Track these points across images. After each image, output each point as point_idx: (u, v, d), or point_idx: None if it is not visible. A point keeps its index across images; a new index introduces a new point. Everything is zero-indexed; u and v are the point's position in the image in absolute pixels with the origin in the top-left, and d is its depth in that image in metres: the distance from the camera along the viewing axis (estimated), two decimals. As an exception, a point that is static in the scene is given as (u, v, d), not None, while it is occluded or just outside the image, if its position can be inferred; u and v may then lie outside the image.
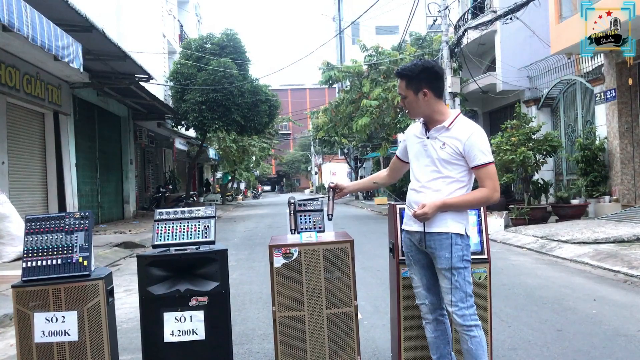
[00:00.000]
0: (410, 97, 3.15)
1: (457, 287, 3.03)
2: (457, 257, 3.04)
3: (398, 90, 3.24)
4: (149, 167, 26.16)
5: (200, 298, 3.46)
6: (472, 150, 3.03)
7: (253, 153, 38.99)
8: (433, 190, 3.10)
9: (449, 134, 3.09)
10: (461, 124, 3.11)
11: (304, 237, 3.50)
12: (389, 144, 24.15)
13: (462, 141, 3.04)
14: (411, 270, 3.31)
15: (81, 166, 16.60)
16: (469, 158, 3.05)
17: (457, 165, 3.09)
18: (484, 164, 3.04)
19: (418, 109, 3.15)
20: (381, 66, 20.83)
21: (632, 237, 9.73)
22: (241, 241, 13.03)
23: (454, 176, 3.09)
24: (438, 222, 3.08)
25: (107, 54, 13.66)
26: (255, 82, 23.89)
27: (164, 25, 26.86)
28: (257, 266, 8.93)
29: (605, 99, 13.52)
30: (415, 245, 3.24)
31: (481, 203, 3.12)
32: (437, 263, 3.11)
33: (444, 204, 3.04)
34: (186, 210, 3.62)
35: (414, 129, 3.32)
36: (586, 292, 6.35)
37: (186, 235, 3.55)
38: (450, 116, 3.15)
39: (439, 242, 3.07)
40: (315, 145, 53.37)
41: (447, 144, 3.08)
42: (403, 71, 3.17)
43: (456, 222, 3.09)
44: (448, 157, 3.07)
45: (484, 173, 3.05)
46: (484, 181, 3.06)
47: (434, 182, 3.12)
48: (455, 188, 3.09)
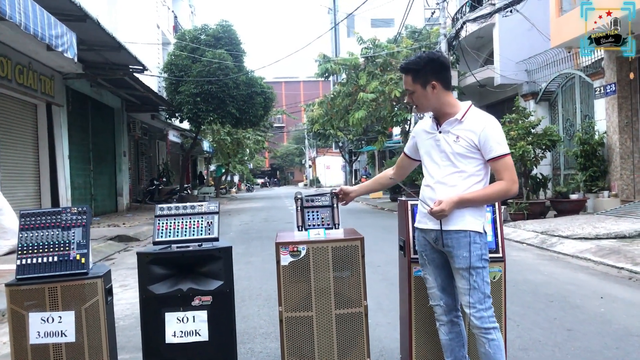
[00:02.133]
0: (418, 92, 3.00)
1: (475, 287, 2.89)
2: (475, 256, 2.90)
3: (404, 86, 3.06)
4: (142, 159, 25.92)
5: (203, 297, 3.31)
6: (488, 142, 2.89)
7: (247, 146, 38.77)
8: (449, 186, 2.96)
9: (463, 126, 2.95)
10: (474, 115, 2.98)
11: (312, 234, 3.34)
12: (384, 138, 24.01)
13: (477, 133, 2.90)
14: (425, 270, 3.17)
15: (74, 158, 16.38)
16: (485, 150, 2.91)
17: (472, 158, 2.95)
18: (500, 155, 2.90)
19: (427, 103, 3.01)
20: (378, 59, 20.66)
21: (633, 232, 9.64)
22: (237, 235, 12.87)
23: (469, 170, 2.95)
24: (455, 219, 2.93)
25: (101, 44, 13.43)
26: (251, 74, 23.68)
27: (158, 16, 26.57)
28: (255, 261, 8.78)
29: (605, 93, 13.41)
30: (430, 244, 3.10)
31: (500, 196, 2.96)
32: (454, 262, 2.96)
33: (462, 200, 2.89)
34: (188, 206, 3.46)
35: (424, 125, 3.18)
36: (592, 290, 6.24)
37: (188, 231, 3.39)
38: (461, 108, 3.01)
39: (457, 241, 2.92)
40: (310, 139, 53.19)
41: (461, 137, 2.94)
42: (408, 65, 3.02)
43: (474, 219, 2.95)
44: (463, 150, 2.93)
45: (502, 165, 2.91)
46: (502, 173, 2.92)
47: (449, 178, 2.97)
48: (472, 183, 2.95)
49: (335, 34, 44.70)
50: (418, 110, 3.10)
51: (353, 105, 20.64)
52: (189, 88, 21.90)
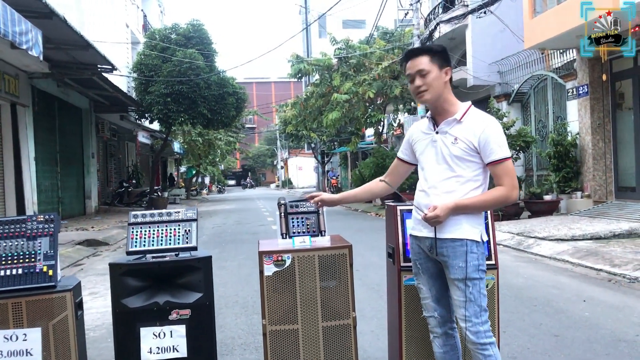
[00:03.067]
0: (434, 73, 2.78)
1: (471, 300, 2.72)
2: (472, 266, 2.73)
3: (418, 67, 2.78)
4: (111, 161, 25.38)
5: (181, 311, 3.10)
6: (488, 144, 2.72)
7: (219, 147, 38.34)
8: (445, 191, 2.79)
9: (462, 127, 2.78)
10: (474, 115, 2.81)
11: (297, 242, 3.17)
12: (358, 139, 23.95)
13: (477, 135, 2.74)
14: (419, 280, 2.99)
15: (40, 160, 15.89)
16: (485, 153, 2.74)
17: (471, 162, 2.77)
18: (501, 159, 2.73)
19: (438, 89, 2.78)
20: (351, 60, 20.58)
21: (608, 233, 9.68)
22: (210, 239, 12.61)
23: (467, 175, 2.78)
24: (451, 226, 2.76)
25: (68, 42, 13.01)
26: (222, 74, 23.33)
27: (127, 15, 26.06)
28: (229, 266, 8.56)
29: (578, 95, 13.50)
30: (424, 253, 2.92)
31: (499, 203, 2.78)
32: (449, 273, 2.79)
33: (457, 206, 2.73)
34: (164, 213, 3.25)
35: (420, 125, 3.02)
36: (574, 293, 6.18)
37: (164, 240, 3.18)
38: (461, 108, 2.84)
39: (452, 250, 2.75)
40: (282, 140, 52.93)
41: (459, 138, 2.76)
42: (424, 46, 2.91)
43: (471, 227, 2.77)
44: (461, 153, 2.76)
45: (502, 169, 2.74)
46: (502, 178, 2.75)
47: (445, 182, 2.80)
48: (469, 188, 2.78)
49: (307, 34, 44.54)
50: (423, 97, 2.82)
51: (326, 106, 20.52)
52: (159, 88, 21.47)
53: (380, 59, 20.15)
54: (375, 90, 19.14)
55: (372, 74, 19.50)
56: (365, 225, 14.84)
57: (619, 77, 13.03)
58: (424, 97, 2.81)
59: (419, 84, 2.79)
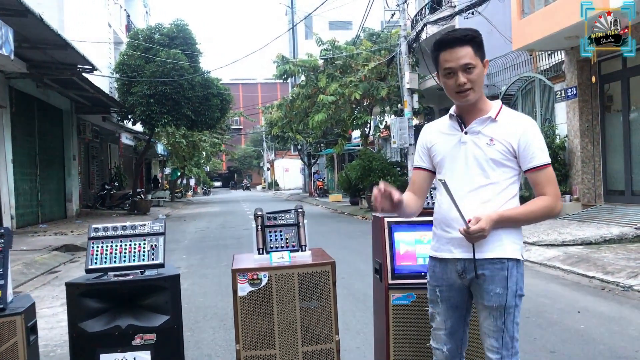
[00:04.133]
0: (479, 68, 2.38)
1: (504, 330, 2.36)
2: (512, 292, 2.37)
3: (463, 60, 2.35)
4: (93, 163, 24.95)
5: (146, 336, 2.80)
6: (530, 148, 2.36)
7: (203, 149, 37.94)
8: (480, 201, 2.38)
9: (497, 126, 2.41)
10: (510, 114, 2.47)
11: (275, 258, 2.88)
12: (344, 141, 23.71)
13: (517, 136, 2.37)
14: (435, 309, 2.55)
15: (19, 162, 15.48)
16: (524, 158, 2.38)
17: (508, 167, 2.40)
18: (543, 164, 2.38)
19: (481, 86, 2.41)
20: (338, 61, 20.34)
21: (599, 238, 9.48)
22: (192, 243, 12.28)
23: (504, 182, 2.40)
24: (490, 244, 2.35)
25: (45, 41, 12.64)
26: (207, 75, 22.99)
27: (109, 15, 25.62)
28: (210, 274, 8.24)
29: (566, 97, 13.33)
30: (449, 279, 2.48)
31: (545, 215, 2.42)
32: (482, 299, 2.40)
33: (502, 218, 2.32)
34: (128, 226, 2.95)
35: (438, 126, 2.60)
36: (567, 303, 5.94)
37: (128, 256, 2.88)
38: (492, 105, 2.47)
39: (491, 273, 2.36)
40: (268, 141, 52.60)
41: (496, 139, 2.38)
42: (469, 33, 2.40)
43: (513, 243, 2.39)
44: (498, 156, 2.38)
45: (544, 176, 2.39)
46: (545, 187, 2.39)
47: (481, 191, 2.39)
48: (507, 198, 2.41)
49: (293, 35, 44.26)
50: (468, 97, 2.38)
51: (312, 108, 20.26)
52: (142, 89, 21.07)
53: (366, 60, 19.93)
54: (361, 92, 18.90)
55: (359, 76, 19.27)
56: (351, 229, 14.57)
57: (608, 79, 12.88)
58: (469, 96, 2.38)
59: (464, 81, 2.35)
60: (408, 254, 3.00)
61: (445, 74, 2.41)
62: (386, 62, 19.54)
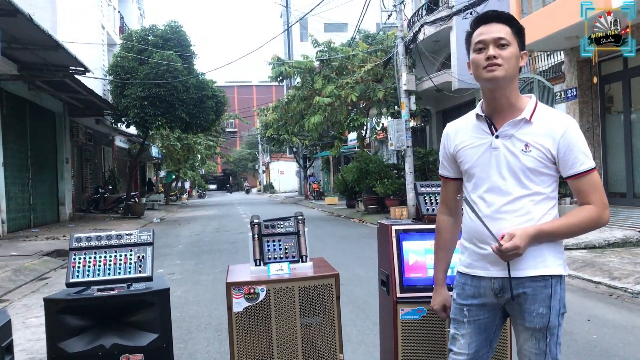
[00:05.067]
0: (514, 49, 2.13)
1: (547, 352, 2.14)
2: (555, 311, 2.13)
3: (497, 33, 2.11)
4: (87, 166, 24.65)
5: (132, 356, 2.56)
6: (571, 152, 2.11)
7: (198, 151, 37.68)
8: (518, 214, 2.13)
9: (533, 129, 2.13)
10: (547, 114, 2.18)
11: (273, 270, 2.65)
12: (340, 143, 23.50)
13: (556, 139, 2.11)
14: (459, 330, 2.27)
15: (10, 166, 15.22)
16: (565, 163, 2.12)
17: (546, 175, 2.15)
18: (588, 170, 2.13)
19: (513, 71, 2.14)
20: (334, 62, 20.14)
21: (602, 242, 9.29)
22: (186, 248, 12.02)
23: (543, 191, 2.15)
24: (531, 260, 2.11)
25: (36, 42, 12.39)
26: (201, 77, 22.73)
27: (102, 16, 25.35)
28: (204, 280, 7.99)
29: (566, 98, 13.15)
30: (481, 298, 2.22)
31: (590, 227, 2.16)
32: (523, 320, 2.16)
33: (540, 233, 2.07)
34: (113, 235, 2.70)
35: (463, 125, 2.31)
36: (575, 310, 5.71)
37: (113, 269, 2.64)
38: (526, 103, 2.19)
39: (532, 292, 2.12)
40: (263, 144, 52.35)
41: (531, 144, 2.12)
42: (505, 13, 2.20)
43: (556, 258, 2.15)
44: (536, 164, 2.12)
45: (589, 183, 2.13)
46: (589, 195, 2.13)
47: (517, 203, 2.13)
48: (546, 209, 2.15)
49: (289, 37, 44.09)
50: (494, 72, 2.10)
51: (308, 110, 20.05)
52: (135, 91, 20.78)
53: (363, 61, 19.73)
54: (357, 94, 18.70)
55: (355, 77, 19.08)
56: (349, 232, 14.34)
57: (608, 80, 12.71)
58: (496, 72, 2.10)
59: (495, 54, 2.10)
60: (418, 264, 2.77)
61: (476, 49, 2.16)
62: (383, 64, 19.35)
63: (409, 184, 15.98)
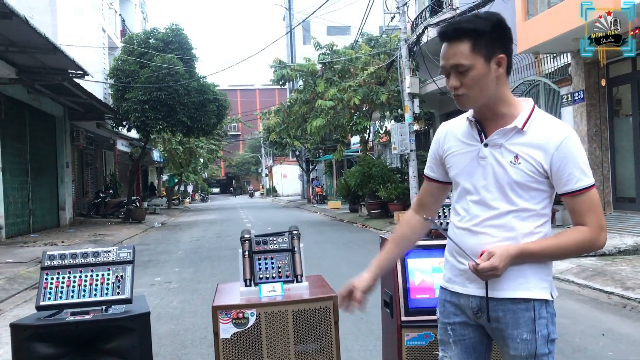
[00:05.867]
0: (478, 69, 1.87)
1: None
2: (541, 338, 1.90)
3: (452, 59, 1.89)
4: (87, 170, 24.49)
5: (108, 388, 2.31)
6: (566, 167, 1.87)
7: (201, 155, 37.49)
8: (501, 230, 1.92)
9: (525, 139, 1.90)
10: (542, 122, 1.92)
11: (264, 292, 2.41)
12: (343, 147, 23.28)
13: (549, 152, 1.88)
14: (447, 352, 2.08)
15: (9, 170, 15.06)
16: (559, 179, 1.89)
17: (537, 190, 1.92)
18: (585, 187, 1.88)
19: (484, 92, 1.90)
20: (336, 65, 19.92)
21: (612, 249, 9.02)
22: (186, 254, 11.78)
23: (532, 208, 1.92)
24: (512, 280, 1.90)
25: (34, 45, 12.19)
26: (203, 80, 22.53)
27: (103, 20, 25.19)
28: (202, 289, 7.75)
29: (573, 101, 12.88)
30: (463, 314, 2.03)
31: (581, 250, 1.95)
32: (507, 346, 1.94)
33: (523, 253, 1.86)
34: (90, 253, 2.46)
35: (455, 129, 2.08)
36: (589, 324, 5.46)
37: (89, 290, 2.40)
38: (521, 109, 1.95)
39: (513, 315, 1.91)
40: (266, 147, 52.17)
41: (521, 156, 1.89)
42: (465, 24, 1.88)
43: (540, 281, 1.92)
44: (525, 178, 1.90)
45: (585, 202, 1.89)
46: (585, 215, 1.89)
47: (501, 219, 1.92)
48: (534, 226, 1.92)
49: (291, 40, 43.91)
50: (461, 103, 1.95)
51: (311, 113, 19.81)
52: (136, 95, 20.60)
53: (365, 64, 19.50)
54: (360, 97, 18.44)
55: (358, 80, 18.83)
56: (351, 238, 14.08)
57: (617, 82, 12.43)
58: (462, 102, 1.95)
59: (455, 85, 1.91)
60: (424, 284, 2.52)
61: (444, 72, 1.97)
62: (386, 67, 19.10)
63: (412, 189, 15.72)
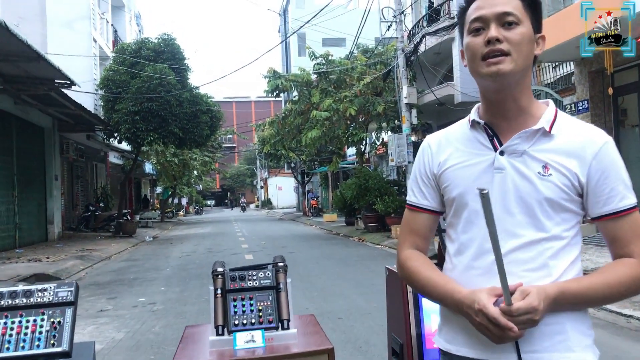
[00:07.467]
0: (527, 28, 1.43)
1: None
2: None
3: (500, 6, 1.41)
4: (78, 183, 23.92)
5: None
6: (609, 180, 1.42)
7: (194, 167, 36.96)
8: (531, 268, 1.41)
9: (554, 145, 1.44)
10: (572, 125, 1.49)
11: (240, 342, 1.89)
12: (339, 158, 22.81)
13: (586, 160, 1.42)
14: None
15: (-7, 183, 14.55)
16: (598, 196, 1.43)
17: (570, 212, 1.45)
18: (631, 207, 1.42)
19: (527, 61, 1.45)
20: (331, 75, 19.48)
21: (624, 266, 8.52)
22: (174, 272, 11.22)
23: (564, 235, 1.43)
24: (546, 337, 1.38)
25: (15, 53, 11.68)
26: (195, 91, 22.03)
27: (94, 29, 24.73)
28: (188, 312, 7.21)
29: (577, 111, 12.45)
30: None
31: (634, 291, 1.40)
32: None
33: (565, 296, 1.36)
34: (19, 292, 1.94)
35: (451, 138, 1.59)
36: (609, 353, 4.95)
37: (15, 342, 1.87)
38: (544, 110, 1.49)
39: None
40: (261, 159, 51.73)
41: (552, 165, 1.43)
42: None
43: (582, 336, 1.42)
44: (559, 195, 1.42)
45: (630, 227, 1.42)
46: (631, 243, 1.41)
47: (531, 251, 1.42)
48: (568, 261, 1.43)
49: (287, 51, 43.60)
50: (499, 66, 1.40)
51: (305, 124, 19.35)
52: (127, 106, 20.07)
53: (361, 74, 19.08)
54: (356, 108, 17.99)
55: (354, 91, 18.39)
56: (347, 253, 13.53)
57: (622, 92, 12.02)
58: (501, 64, 1.40)
59: (495, 35, 1.41)
60: (442, 330, 2.02)
61: (472, 29, 1.46)
62: (382, 77, 18.69)
63: (410, 202, 15.23)
